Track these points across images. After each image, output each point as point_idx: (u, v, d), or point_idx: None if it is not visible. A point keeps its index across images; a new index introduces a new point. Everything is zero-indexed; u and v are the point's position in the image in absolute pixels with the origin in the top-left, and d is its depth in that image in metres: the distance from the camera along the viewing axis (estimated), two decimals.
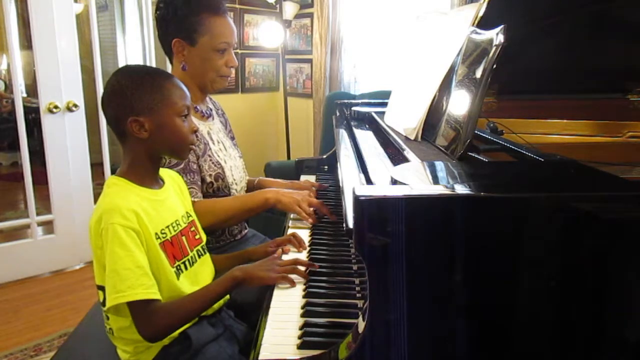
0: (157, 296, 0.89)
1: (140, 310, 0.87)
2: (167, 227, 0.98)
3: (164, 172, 1.06)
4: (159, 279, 0.93)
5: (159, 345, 0.95)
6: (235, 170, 1.43)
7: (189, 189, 1.20)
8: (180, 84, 0.99)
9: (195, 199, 1.23)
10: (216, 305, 1.04)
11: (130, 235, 0.88)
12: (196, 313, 0.96)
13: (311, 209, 1.29)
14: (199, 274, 1.05)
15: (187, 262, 1.01)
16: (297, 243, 1.18)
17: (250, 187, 1.56)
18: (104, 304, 0.92)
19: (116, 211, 0.88)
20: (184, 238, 1.02)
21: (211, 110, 1.48)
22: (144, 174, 0.98)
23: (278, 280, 0.99)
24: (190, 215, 1.09)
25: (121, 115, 0.93)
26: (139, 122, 0.93)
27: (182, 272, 0.99)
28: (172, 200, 1.03)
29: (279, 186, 1.53)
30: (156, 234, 0.94)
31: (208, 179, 1.32)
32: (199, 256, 1.07)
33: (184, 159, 1.14)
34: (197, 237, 1.09)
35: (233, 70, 1.39)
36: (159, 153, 1.00)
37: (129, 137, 0.95)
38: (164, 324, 0.90)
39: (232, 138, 1.55)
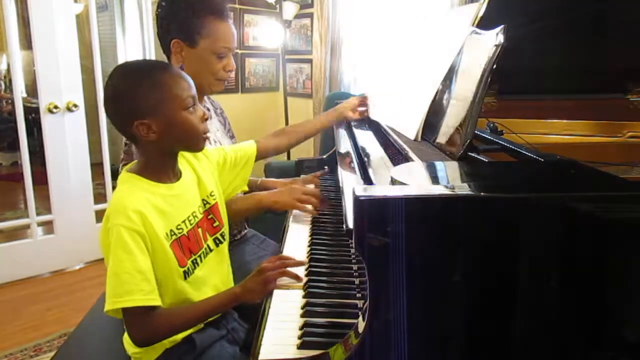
0: (156, 302, 0.87)
1: (134, 316, 0.86)
2: (184, 221, 0.97)
3: (180, 158, 1.02)
4: (165, 282, 0.92)
5: (162, 345, 0.94)
6: None
7: None
8: (181, 73, 0.94)
9: None
10: None
11: (134, 238, 0.86)
12: (192, 324, 0.95)
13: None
14: (209, 276, 1.03)
15: (202, 255, 1.00)
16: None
17: (253, 188, 1.56)
18: None
19: (121, 212, 0.87)
20: (199, 230, 1.01)
21: (209, 110, 1.47)
22: (160, 170, 0.96)
23: (273, 288, 0.98)
24: (207, 203, 1.06)
25: (127, 120, 0.89)
26: (146, 125, 0.89)
27: (197, 265, 0.98)
28: (188, 192, 1.01)
29: (281, 186, 1.52)
30: (171, 230, 0.93)
31: None
32: (217, 244, 1.05)
33: (200, 150, 1.06)
34: (216, 224, 1.06)
35: (231, 74, 1.38)
36: (173, 150, 0.98)
37: (140, 140, 0.92)
38: (157, 330, 0.89)
39: (232, 137, 1.55)
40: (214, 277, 1.04)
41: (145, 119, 0.89)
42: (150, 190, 0.93)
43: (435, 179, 0.78)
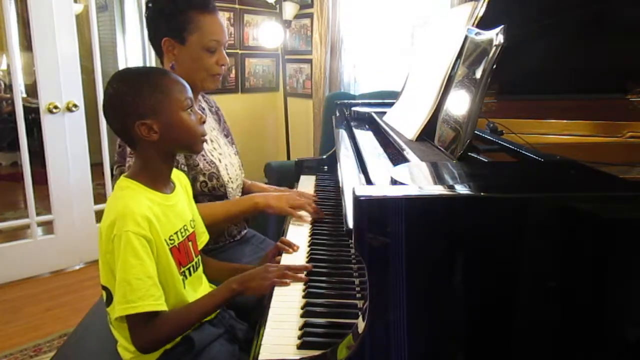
0: (164, 307, 0.89)
1: (143, 322, 0.87)
2: (176, 233, 0.98)
3: (173, 174, 1.04)
4: (167, 287, 0.93)
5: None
6: (230, 168, 1.42)
7: None
8: (178, 77, 0.97)
9: None
10: None
11: (143, 244, 0.87)
12: (193, 323, 0.96)
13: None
14: (202, 278, 1.05)
15: (191, 268, 1.01)
16: (287, 246, 1.16)
17: (245, 189, 1.55)
18: (108, 302, 0.92)
19: (130, 218, 0.87)
20: (190, 243, 1.02)
21: (203, 109, 1.46)
22: (157, 176, 0.97)
23: (272, 286, 0.97)
24: (193, 220, 1.08)
25: (127, 123, 0.91)
26: (147, 125, 0.91)
27: (186, 278, 0.99)
28: (181, 205, 1.02)
29: (273, 192, 1.49)
30: (165, 240, 0.94)
31: (202, 178, 1.31)
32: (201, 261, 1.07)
33: (199, 151, 1.10)
34: (201, 241, 1.10)
35: (224, 69, 1.36)
36: (172, 152, 0.99)
37: (140, 142, 0.93)
38: (162, 335, 0.90)
39: (227, 135, 1.54)
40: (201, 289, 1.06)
41: (146, 119, 0.91)
42: (149, 197, 0.94)
43: (435, 179, 0.78)
